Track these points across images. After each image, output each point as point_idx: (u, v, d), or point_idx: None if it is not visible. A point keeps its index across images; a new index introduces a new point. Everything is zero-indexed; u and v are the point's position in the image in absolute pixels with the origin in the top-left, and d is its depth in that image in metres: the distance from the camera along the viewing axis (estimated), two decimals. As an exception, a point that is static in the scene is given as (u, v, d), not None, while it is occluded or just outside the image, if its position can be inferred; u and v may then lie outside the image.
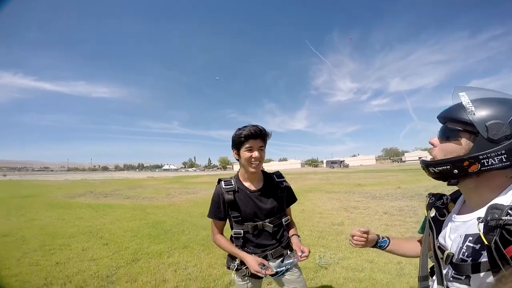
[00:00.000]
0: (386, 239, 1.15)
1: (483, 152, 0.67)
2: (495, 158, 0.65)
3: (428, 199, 0.94)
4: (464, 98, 0.71)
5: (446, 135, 0.76)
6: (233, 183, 1.51)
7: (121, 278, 3.05)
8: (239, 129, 1.45)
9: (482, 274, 0.66)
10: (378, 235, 1.16)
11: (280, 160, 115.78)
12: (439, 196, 0.92)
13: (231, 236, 1.53)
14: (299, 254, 1.40)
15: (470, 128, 0.69)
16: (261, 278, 1.53)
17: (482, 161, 0.67)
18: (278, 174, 1.62)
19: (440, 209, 0.89)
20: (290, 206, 1.68)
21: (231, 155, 1.53)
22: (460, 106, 0.72)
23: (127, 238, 4.79)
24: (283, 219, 1.54)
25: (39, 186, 18.94)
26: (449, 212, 0.87)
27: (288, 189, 1.62)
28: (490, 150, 0.66)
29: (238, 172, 1.59)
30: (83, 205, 9.12)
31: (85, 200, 10.52)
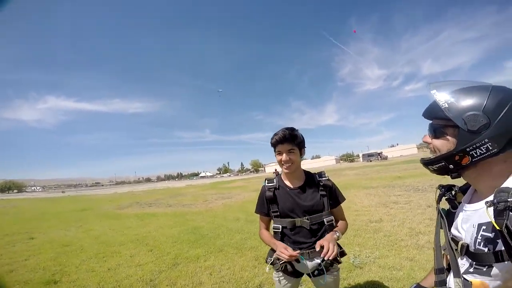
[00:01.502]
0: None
1: (468, 144, 0.69)
2: (481, 147, 0.67)
3: (438, 190, 0.93)
4: (437, 96, 0.74)
5: (434, 132, 0.79)
6: (275, 181, 1.63)
7: (162, 282, 3.28)
8: (274, 134, 1.56)
9: (504, 263, 0.64)
10: None
11: (312, 157, 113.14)
12: (448, 187, 0.91)
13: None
14: (317, 249, 1.33)
15: (451, 123, 0.72)
16: (296, 276, 1.57)
17: (470, 153, 0.69)
18: (321, 174, 1.63)
19: (452, 201, 0.89)
20: (342, 209, 1.64)
21: (261, 158, 1.63)
22: (436, 104, 0.74)
23: (169, 244, 5.11)
24: (324, 219, 1.52)
25: (92, 200, 20.96)
26: (459, 203, 0.86)
27: (331, 188, 1.58)
28: (474, 141, 0.68)
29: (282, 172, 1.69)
30: (131, 215, 9.89)
31: (132, 211, 11.39)
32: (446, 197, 0.91)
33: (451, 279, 0.77)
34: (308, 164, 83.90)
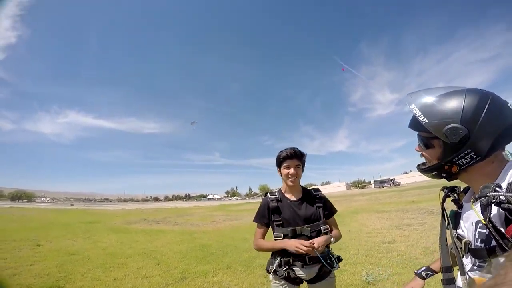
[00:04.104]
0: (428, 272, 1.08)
1: (453, 156, 0.73)
2: (466, 157, 0.71)
3: (442, 192, 0.96)
4: (415, 111, 0.77)
5: (423, 143, 0.83)
6: (277, 194, 1.78)
7: (169, 294, 3.24)
8: (281, 151, 1.77)
9: (501, 259, 0.65)
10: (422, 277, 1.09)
11: (322, 184, 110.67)
12: (451, 189, 0.93)
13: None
14: (310, 243, 1.47)
15: (435, 135, 0.74)
16: (298, 283, 1.64)
17: (457, 162, 0.73)
18: (316, 189, 1.84)
19: (457, 202, 0.91)
20: (335, 219, 1.81)
21: (270, 183, 1.77)
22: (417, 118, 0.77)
23: (177, 259, 5.07)
24: (321, 227, 1.67)
25: (101, 214, 21.01)
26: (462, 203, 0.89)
27: (326, 200, 1.79)
28: (458, 152, 0.71)
29: (281, 186, 1.85)
30: (139, 230, 9.88)
31: (140, 226, 11.38)
32: (452, 199, 0.93)
33: (459, 277, 0.80)
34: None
